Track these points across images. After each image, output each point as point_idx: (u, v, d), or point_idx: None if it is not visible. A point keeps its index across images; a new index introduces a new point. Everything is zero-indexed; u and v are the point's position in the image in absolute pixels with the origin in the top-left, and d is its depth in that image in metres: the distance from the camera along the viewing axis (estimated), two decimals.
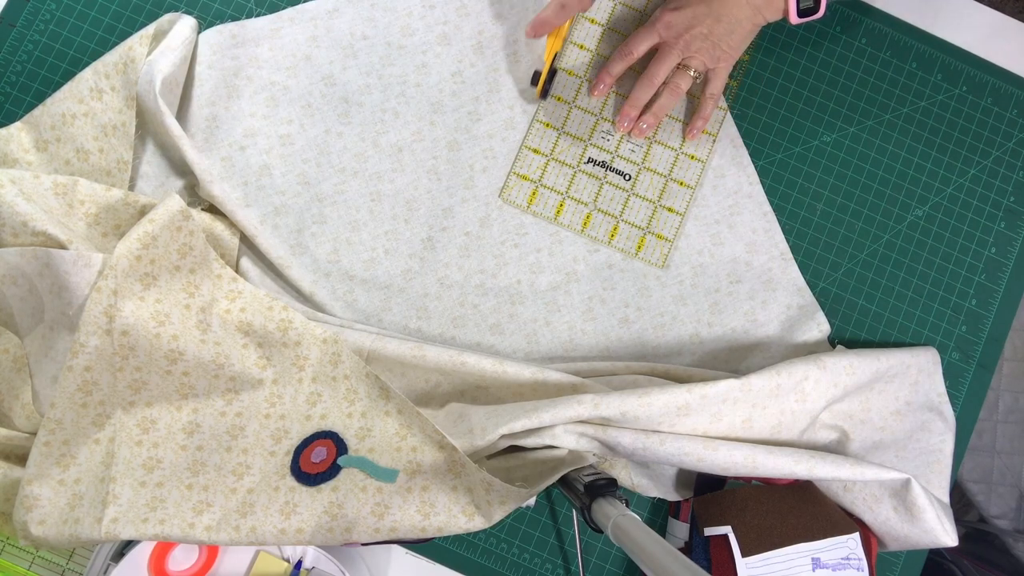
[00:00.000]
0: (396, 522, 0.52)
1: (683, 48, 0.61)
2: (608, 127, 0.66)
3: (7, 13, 0.65)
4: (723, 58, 0.62)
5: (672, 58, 0.62)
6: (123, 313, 0.53)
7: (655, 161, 0.66)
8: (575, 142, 0.67)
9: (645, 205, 0.66)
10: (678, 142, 0.67)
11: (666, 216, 0.66)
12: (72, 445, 0.54)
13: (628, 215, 0.66)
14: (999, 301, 0.67)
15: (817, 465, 0.54)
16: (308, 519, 0.53)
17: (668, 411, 0.54)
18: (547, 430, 0.55)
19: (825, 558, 0.54)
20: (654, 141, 0.67)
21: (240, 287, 0.59)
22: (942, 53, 0.68)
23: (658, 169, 0.66)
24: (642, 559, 0.42)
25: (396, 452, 0.55)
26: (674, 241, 0.66)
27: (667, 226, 0.66)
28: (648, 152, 0.67)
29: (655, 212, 0.66)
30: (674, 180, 0.66)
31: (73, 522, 0.52)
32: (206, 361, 0.56)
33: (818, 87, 0.68)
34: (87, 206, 0.59)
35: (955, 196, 0.68)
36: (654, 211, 0.66)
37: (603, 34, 0.67)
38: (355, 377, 0.58)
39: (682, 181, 0.66)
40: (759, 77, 0.68)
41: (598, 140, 0.66)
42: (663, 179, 0.66)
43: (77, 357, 0.53)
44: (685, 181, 0.66)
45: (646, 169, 0.66)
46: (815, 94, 0.68)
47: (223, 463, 0.55)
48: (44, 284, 0.55)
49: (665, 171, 0.66)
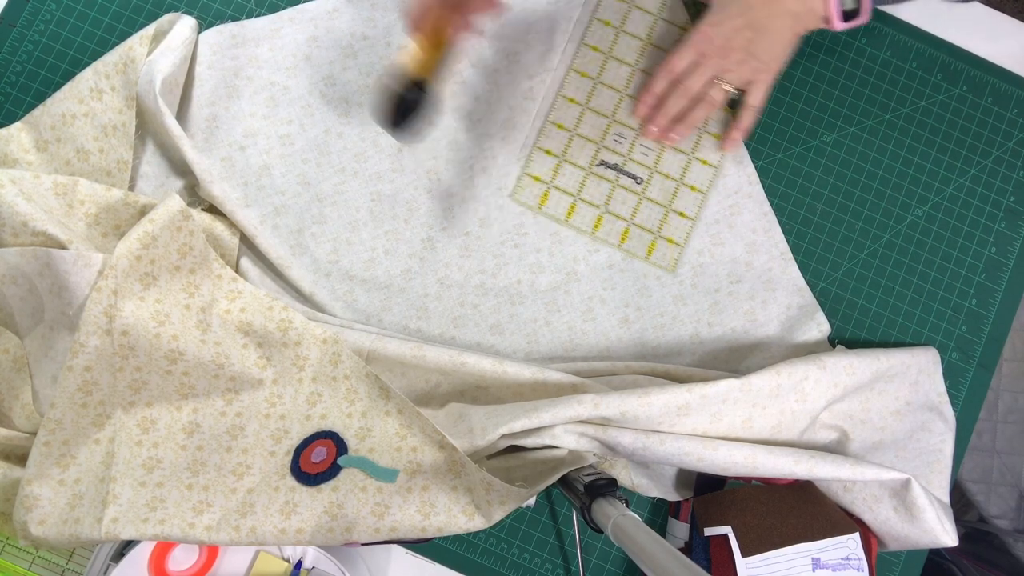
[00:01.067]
0: (396, 522, 0.52)
1: (720, 61, 0.60)
2: (620, 130, 0.66)
3: (7, 13, 0.65)
4: (763, 70, 0.61)
5: (708, 71, 0.61)
6: (123, 313, 0.54)
7: (667, 165, 0.66)
8: (587, 144, 0.66)
9: (656, 209, 0.66)
10: (690, 146, 0.67)
11: (677, 220, 0.66)
12: (72, 445, 0.54)
13: (639, 218, 0.66)
14: (999, 301, 0.67)
15: (817, 465, 0.54)
16: (308, 519, 0.53)
17: (668, 411, 0.54)
18: (547, 430, 0.55)
19: (825, 558, 0.54)
20: (666, 145, 0.67)
21: (240, 287, 0.59)
22: (942, 53, 0.68)
23: (670, 173, 0.66)
24: (642, 559, 0.42)
25: (396, 452, 0.55)
26: (684, 245, 0.66)
27: (677, 230, 0.66)
28: (660, 156, 0.66)
29: (666, 216, 0.66)
30: (686, 184, 0.66)
31: (73, 522, 0.52)
32: (206, 361, 0.56)
33: (818, 87, 0.68)
34: (87, 206, 0.59)
35: (955, 196, 0.68)
36: (665, 215, 0.66)
37: (643, 48, 0.67)
38: (355, 377, 0.58)
39: (693, 186, 0.66)
40: None
41: (610, 143, 0.66)
42: (675, 183, 0.66)
43: (77, 357, 0.53)
44: (696, 186, 0.66)
45: (658, 173, 0.66)
46: (815, 94, 0.68)
47: (223, 463, 0.55)
48: (44, 284, 0.55)
49: (677, 175, 0.66)
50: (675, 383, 0.57)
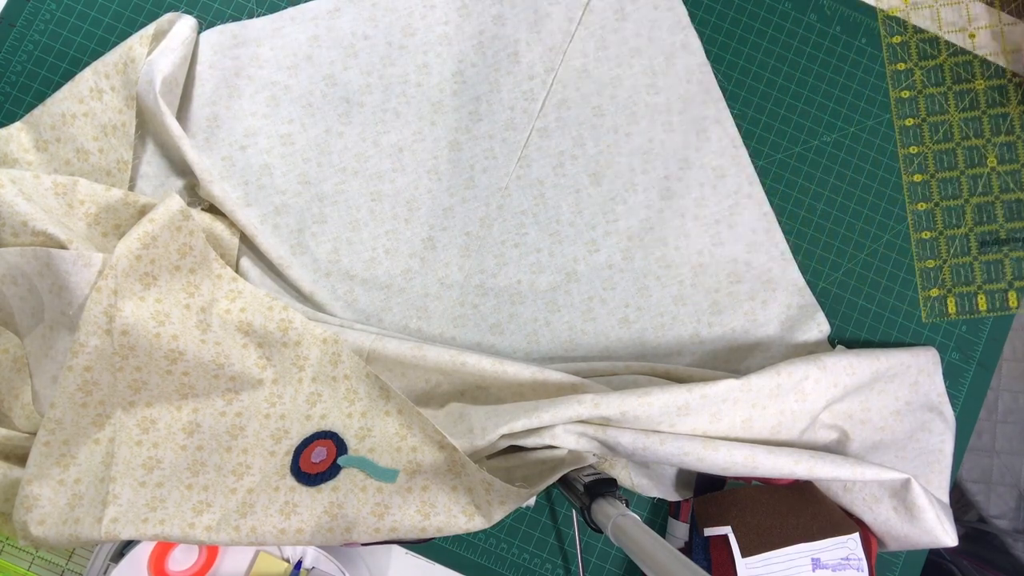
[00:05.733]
0: (396, 522, 0.52)
1: None
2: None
3: (7, 13, 0.65)
4: None
5: None
6: (123, 313, 0.53)
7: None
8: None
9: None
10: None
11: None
12: (72, 445, 0.54)
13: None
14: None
15: (817, 465, 0.54)
16: (308, 519, 0.53)
17: (668, 411, 0.54)
18: (547, 430, 0.55)
19: (825, 558, 0.54)
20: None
21: (240, 287, 0.59)
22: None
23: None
24: (642, 559, 0.42)
25: (396, 452, 0.55)
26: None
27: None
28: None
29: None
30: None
31: (73, 522, 0.52)
32: (206, 361, 0.56)
33: (818, 87, 0.68)
34: (87, 206, 0.59)
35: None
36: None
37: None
38: (355, 377, 0.58)
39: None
40: (759, 77, 0.68)
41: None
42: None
43: (77, 357, 0.53)
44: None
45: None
46: (815, 94, 0.68)
47: (223, 463, 0.55)
48: (44, 284, 0.55)
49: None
50: (675, 383, 0.57)
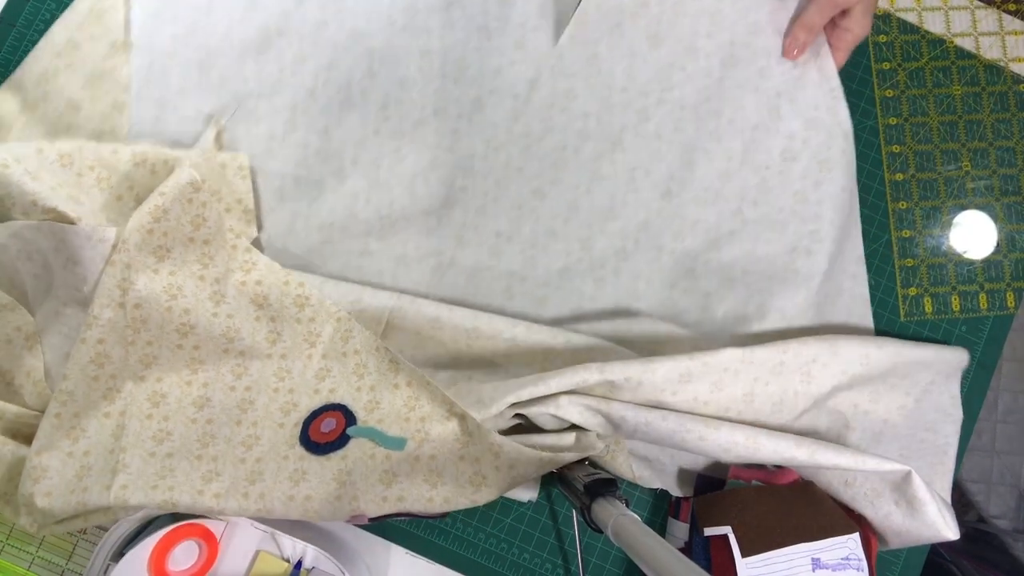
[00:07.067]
0: (404, 490, 0.53)
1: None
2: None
3: (7, 13, 0.65)
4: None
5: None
6: (136, 286, 0.54)
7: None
8: None
9: None
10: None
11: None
12: (83, 418, 0.54)
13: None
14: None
15: (819, 450, 0.54)
16: (317, 486, 0.54)
17: (671, 378, 0.55)
18: (552, 400, 0.55)
19: (825, 558, 0.54)
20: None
21: (255, 258, 0.59)
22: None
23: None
24: (642, 559, 0.42)
25: (405, 423, 0.56)
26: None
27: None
28: None
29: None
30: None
31: (81, 491, 0.52)
32: (216, 335, 0.57)
33: None
34: (97, 171, 0.58)
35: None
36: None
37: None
38: (365, 352, 0.59)
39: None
40: None
41: None
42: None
43: (91, 329, 0.54)
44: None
45: None
46: None
47: (233, 435, 0.56)
48: (59, 260, 0.55)
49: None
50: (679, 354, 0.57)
